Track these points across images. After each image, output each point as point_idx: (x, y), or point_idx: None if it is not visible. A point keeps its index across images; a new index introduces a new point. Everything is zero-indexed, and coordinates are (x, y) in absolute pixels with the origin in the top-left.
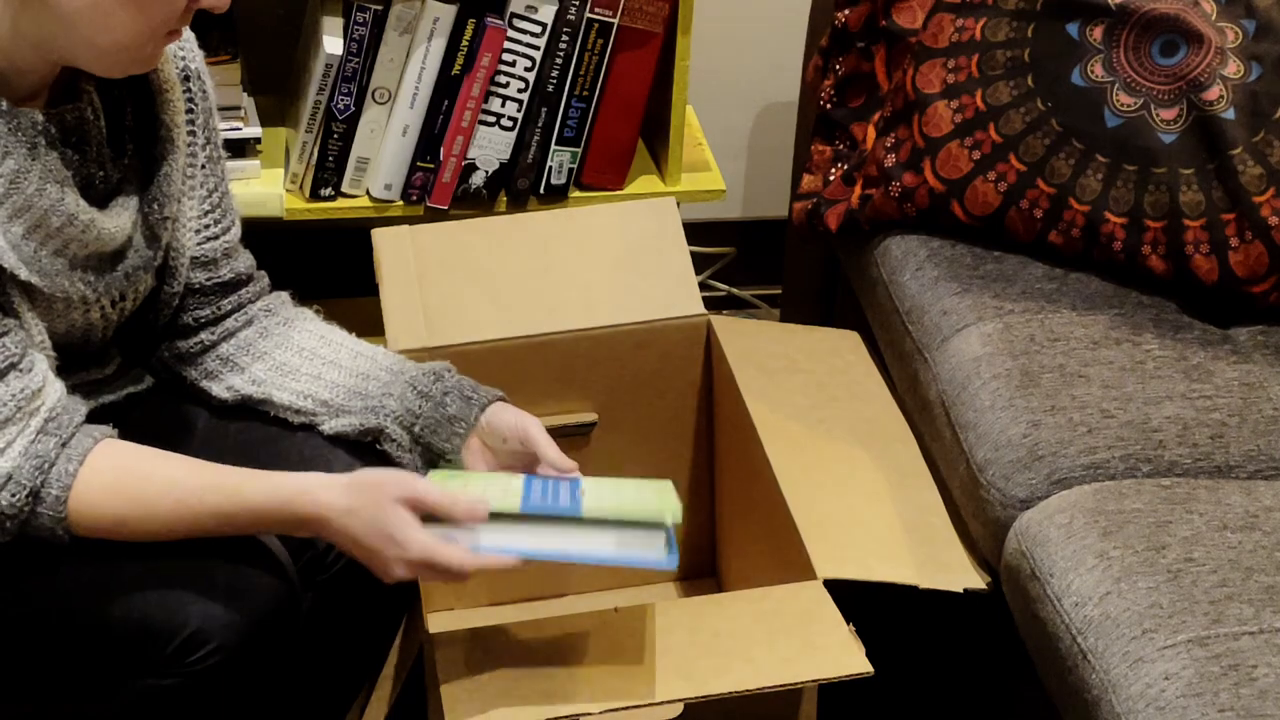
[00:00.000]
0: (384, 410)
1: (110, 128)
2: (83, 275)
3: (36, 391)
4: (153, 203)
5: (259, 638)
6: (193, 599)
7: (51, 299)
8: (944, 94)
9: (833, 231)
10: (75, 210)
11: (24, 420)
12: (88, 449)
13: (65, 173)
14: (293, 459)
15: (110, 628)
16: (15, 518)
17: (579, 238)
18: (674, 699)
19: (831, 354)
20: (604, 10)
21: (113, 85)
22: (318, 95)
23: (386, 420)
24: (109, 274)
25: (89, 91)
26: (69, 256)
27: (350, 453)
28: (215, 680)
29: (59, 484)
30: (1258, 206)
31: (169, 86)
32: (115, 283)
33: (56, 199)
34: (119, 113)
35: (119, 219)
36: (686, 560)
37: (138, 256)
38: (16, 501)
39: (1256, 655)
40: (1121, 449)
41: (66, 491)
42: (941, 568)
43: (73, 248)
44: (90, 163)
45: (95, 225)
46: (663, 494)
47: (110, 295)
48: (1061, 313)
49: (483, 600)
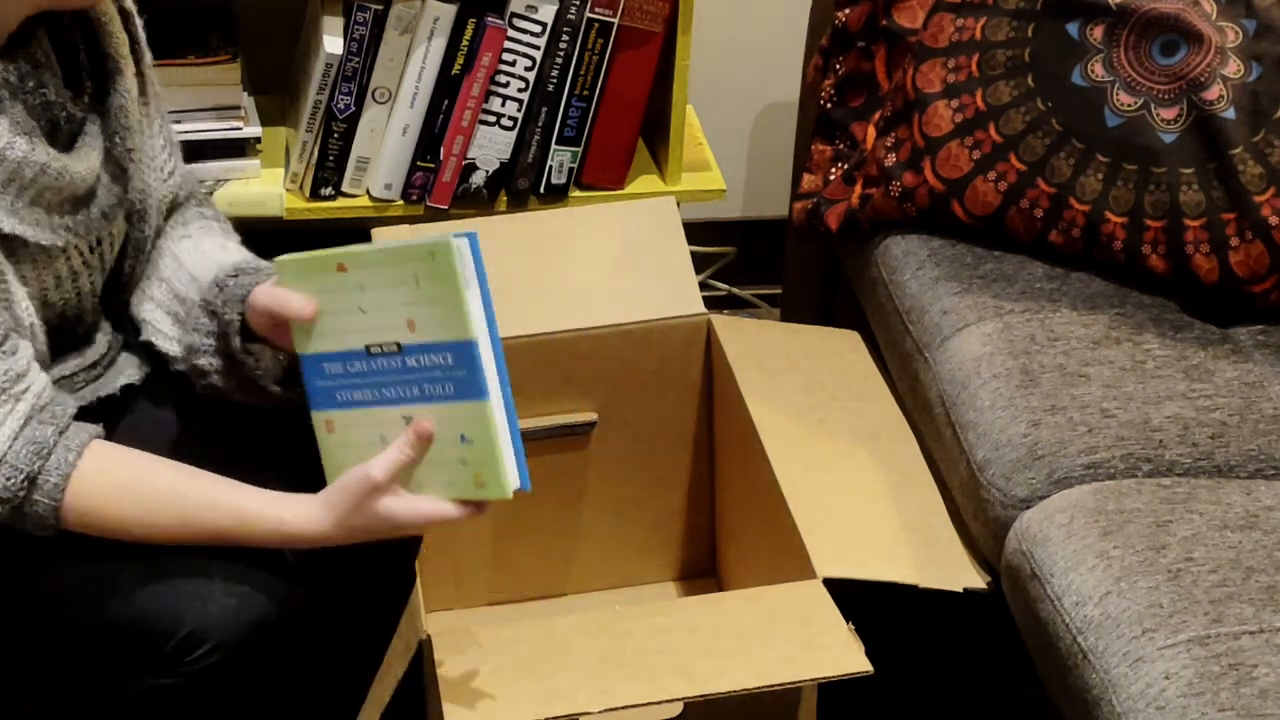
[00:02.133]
0: (194, 349)
1: (65, 70)
2: (60, 220)
3: (20, 375)
4: (114, 136)
5: (259, 638)
6: (191, 598)
7: (35, 252)
8: (944, 94)
9: (833, 231)
10: (46, 159)
11: (10, 403)
12: (84, 442)
13: (31, 123)
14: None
15: (108, 626)
16: (8, 502)
17: (579, 237)
18: (674, 699)
19: (831, 354)
20: (604, 10)
21: (62, 27)
22: (318, 95)
23: (199, 358)
24: (84, 216)
25: (39, 37)
26: (44, 205)
27: None
28: (214, 680)
29: (58, 472)
30: (1258, 206)
31: (109, 20)
32: (91, 224)
33: (26, 151)
34: (72, 53)
35: (88, 160)
36: (687, 560)
37: (108, 195)
38: (11, 485)
39: (1256, 655)
40: (1122, 449)
41: (65, 480)
42: (941, 567)
43: (47, 195)
44: (53, 105)
45: (67, 171)
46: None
47: (88, 239)
48: (1061, 312)
49: (482, 600)
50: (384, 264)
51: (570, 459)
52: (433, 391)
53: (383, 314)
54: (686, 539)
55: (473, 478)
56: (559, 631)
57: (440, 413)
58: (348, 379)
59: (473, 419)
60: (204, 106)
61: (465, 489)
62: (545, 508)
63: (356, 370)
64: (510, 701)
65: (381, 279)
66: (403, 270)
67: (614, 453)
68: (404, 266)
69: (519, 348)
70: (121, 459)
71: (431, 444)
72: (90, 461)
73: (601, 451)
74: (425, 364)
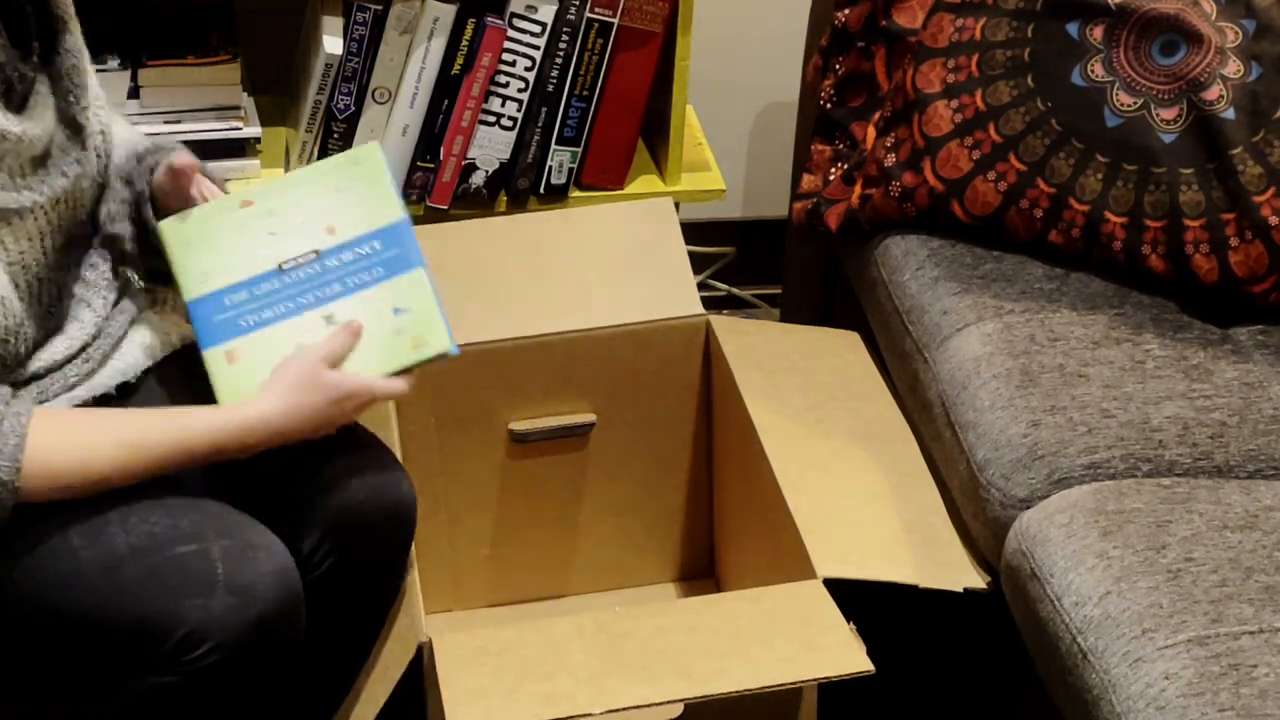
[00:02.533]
0: (110, 216)
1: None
2: (23, 181)
3: None
4: (67, 96)
5: (258, 638)
6: (191, 597)
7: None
8: (944, 94)
9: (833, 231)
10: (4, 126)
11: None
12: (29, 407)
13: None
14: (275, 462)
15: (108, 625)
16: None
17: (577, 239)
18: (674, 699)
19: (831, 354)
20: (604, 10)
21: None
22: (318, 95)
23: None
24: (43, 175)
25: None
26: (6, 169)
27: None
28: (214, 680)
29: (15, 434)
30: (1258, 206)
31: None
32: (53, 184)
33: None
34: (19, 13)
35: (43, 120)
36: (686, 561)
37: (65, 155)
38: None
39: (1256, 655)
40: (1121, 449)
41: (22, 440)
42: (941, 567)
43: (7, 160)
44: (4, 66)
45: (26, 135)
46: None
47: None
48: (1061, 313)
49: (482, 602)
50: (301, 185)
51: (569, 460)
52: (358, 281)
53: (297, 231)
54: (686, 540)
55: (409, 343)
56: (559, 633)
57: (368, 298)
58: (254, 302)
59: (407, 290)
60: (204, 106)
61: (402, 357)
62: (545, 509)
63: (266, 290)
64: (511, 703)
65: (297, 199)
66: (323, 184)
67: (613, 454)
68: (324, 180)
69: (519, 348)
70: (67, 413)
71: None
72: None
73: (601, 452)
74: (348, 259)
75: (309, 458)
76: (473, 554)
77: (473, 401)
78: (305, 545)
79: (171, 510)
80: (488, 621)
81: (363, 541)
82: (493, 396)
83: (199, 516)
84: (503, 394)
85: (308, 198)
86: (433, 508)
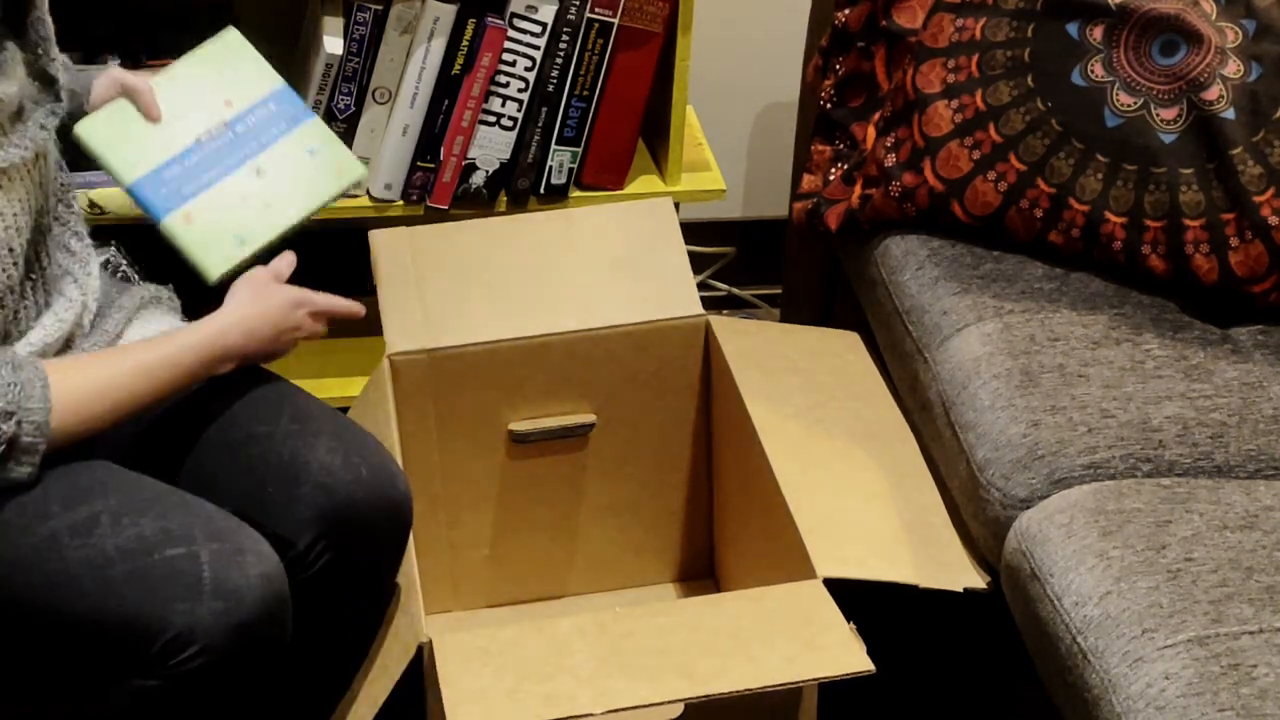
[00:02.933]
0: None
1: None
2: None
3: None
4: (36, 49)
5: (244, 642)
6: (178, 600)
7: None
8: (944, 94)
9: (833, 231)
10: None
11: None
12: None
13: None
14: (271, 460)
15: (94, 627)
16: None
17: (577, 239)
18: (674, 699)
19: (831, 354)
20: (604, 10)
21: None
22: (318, 95)
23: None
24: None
25: None
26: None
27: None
28: (200, 683)
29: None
30: (1258, 206)
31: None
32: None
33: None
34: None
35: (15, 75)
36: (686, 561)
37: (39, 108)
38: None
39: (1256, 655)
40: (1121, 449)
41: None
42: (941, 567)
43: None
44: None
45: (4, 95)
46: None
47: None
48: (1061, 313)
49: (481, 603)
50: (187, 77)
51: (569, 460)
52: (269, 136)
53: (199, 109)
54: (685, 540)
55: (334, 171)
56: (559, 633)
57: (284, 146)
58: (188, 173)
59: (312, 133)
60: None
61: (330, 185)
62: (544, 509)
63: (195, 161)
64: (512, 703)
65: (187, 86)
66: (205, 70)
67: (613, 454)
68: (205, 66)
69: (519, 348)
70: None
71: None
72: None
73: (600, 453)
74: (253, 122)
75: (306, 454)
76: (473, 554)
77: (473, 402)
78: (301, 543)
79: (162, 511)
80: (488, 622)
81: (359, 540)
82: (493, 397)
83: (189, 519)
84: (503, 394)
85: (196, 82)
86: (432, 508)
